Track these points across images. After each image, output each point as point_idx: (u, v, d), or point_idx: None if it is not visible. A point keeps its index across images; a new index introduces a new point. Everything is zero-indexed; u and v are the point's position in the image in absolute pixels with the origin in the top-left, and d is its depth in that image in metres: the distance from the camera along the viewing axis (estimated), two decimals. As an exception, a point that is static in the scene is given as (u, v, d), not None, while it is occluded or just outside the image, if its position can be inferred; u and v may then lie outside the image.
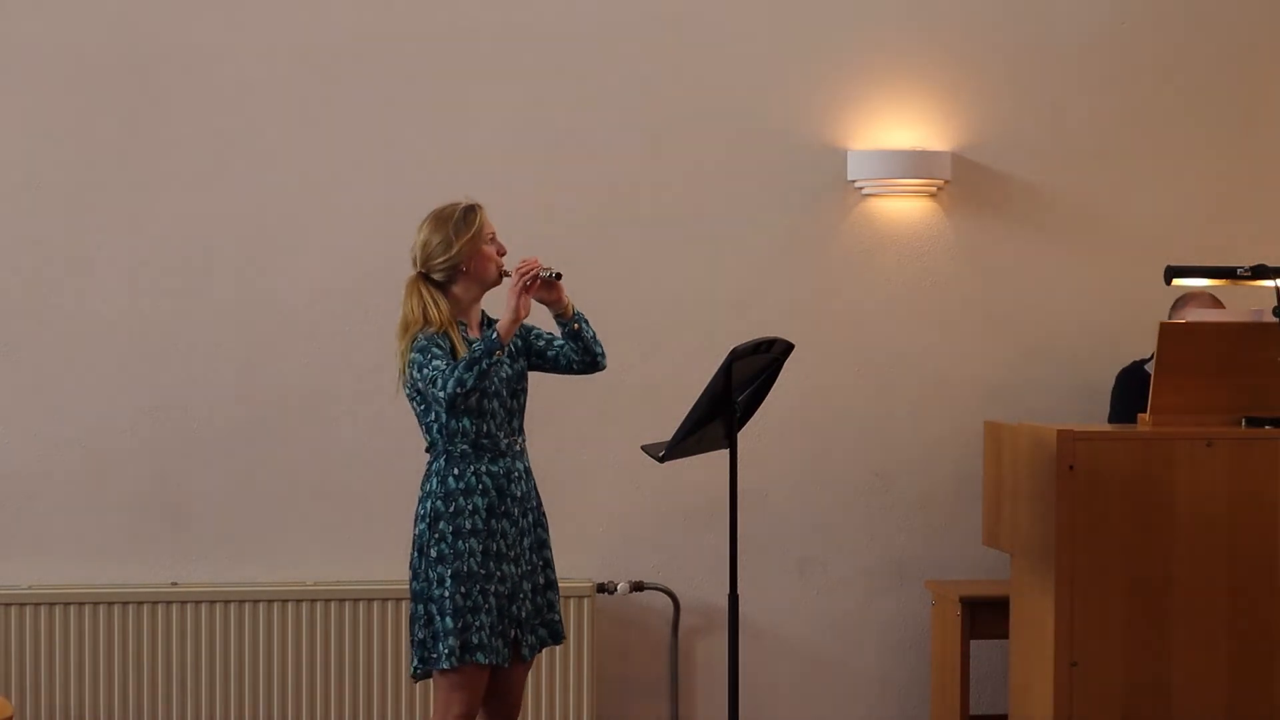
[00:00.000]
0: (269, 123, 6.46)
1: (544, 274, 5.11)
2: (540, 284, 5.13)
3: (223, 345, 6.45)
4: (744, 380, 5.23)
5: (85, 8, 6.38)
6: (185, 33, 6.42)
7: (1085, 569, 5.47)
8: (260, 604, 6.32)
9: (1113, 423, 6.34)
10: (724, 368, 5.11)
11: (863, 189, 6.66)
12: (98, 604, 6.27)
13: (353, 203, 6.49)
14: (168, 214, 6.42)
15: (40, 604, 6.25)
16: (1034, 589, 5.65)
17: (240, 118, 6.45)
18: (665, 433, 5.29)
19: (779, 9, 6.64)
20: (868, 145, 6.64)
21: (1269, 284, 5.55)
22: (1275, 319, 5.47)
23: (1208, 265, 5.93)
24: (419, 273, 5.17)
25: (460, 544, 5.07)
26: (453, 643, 5.02)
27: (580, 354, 5.25)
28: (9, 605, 6.23)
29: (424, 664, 5.09)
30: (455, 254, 5.11)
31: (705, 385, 5.15)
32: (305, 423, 6.46)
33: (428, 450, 5.18)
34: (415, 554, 5.14)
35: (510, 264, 5.16)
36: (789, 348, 5.31)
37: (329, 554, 6.48)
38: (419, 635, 5.09)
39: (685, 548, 6.63)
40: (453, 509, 5.10)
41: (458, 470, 5.12)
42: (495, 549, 5.09)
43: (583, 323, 5.25)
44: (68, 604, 6.26)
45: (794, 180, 6.65)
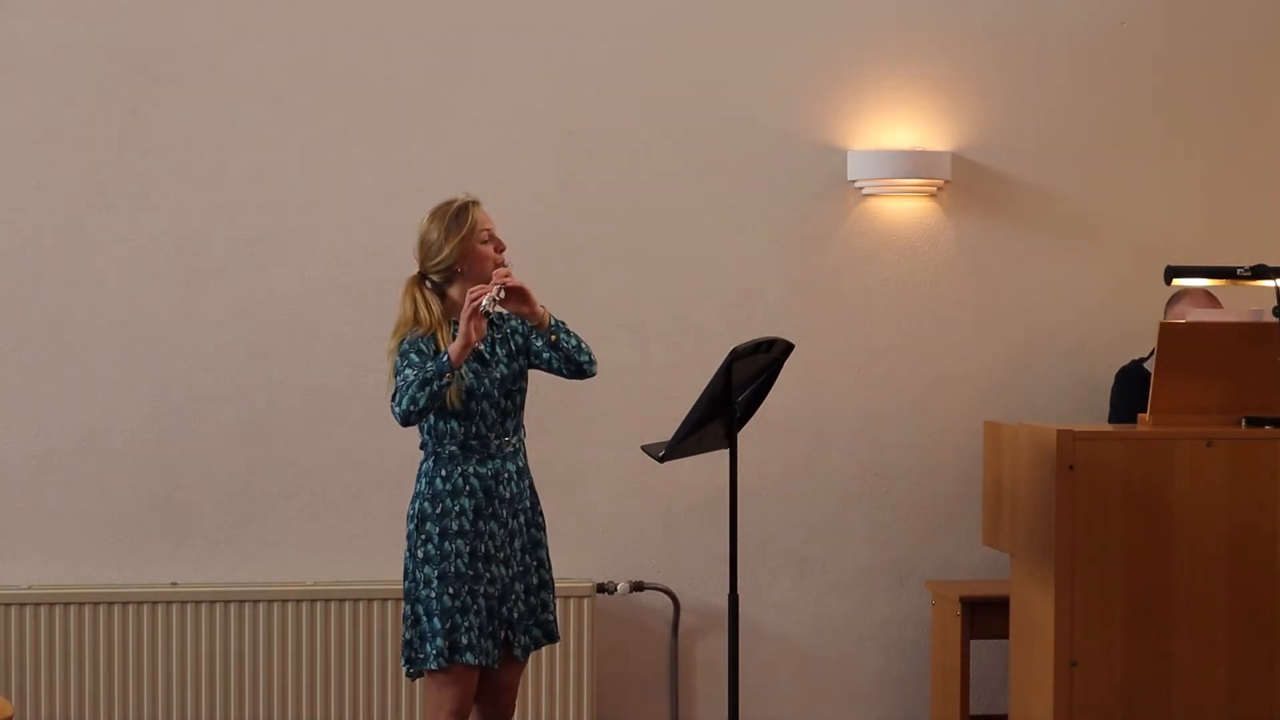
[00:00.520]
0: (270, 123, 6.46)
1: (485, 306, 4.94)
2: (508, 299, 5.00)
3: (223, 345, 6.45)
4: (744, 380, 5.23)
5: (86, 8, 6.38)
6: (186, 33, 6.42)
7: (1085, 569, 5.47)
8: (260, 604, 6.32)
9: (1113, 422, 6.34)
10: (724, 368, 5.11)
11: (863, 189, 6.65)
12: (98, 604, 6.27)
13: (353, 203, 6.49)
14: (168, 214, 6.42)
15: (40, 604, 6.25)
16: (1034, 589, 5.65)
17: (241, 118, 6.45)
18: (665, 433, 5.29)
19: (779, 9, 6.64)
20: (868, 145, 6.64)
21: (1269, 284, 5.55)
22: (1275, 319, 5.47)
23: (1208, 265, 5.93)
24: (418, 273, 5.17)
25: (447, 545, 5.07)
26: (440, 643, 5.02)
27: (563, 362, 5.18)
28: (9, 605, 6.23)
29: (412, 664, 5.10)
30: (448, 255, 5.09)
31: (705, 385, 5.15)
32: (305, 423, 6.46)
33: (421, 449, 5.19)
34: (406, 554, 5.15)
35: (512, 262, 5.16)
36: (789, 348, 5.31)
37: (329, 554, 6.48)
38: (407, 635, 5.10)
39: (685, 548, 6.63)
40: (439, 510, 5.10)
41: (445, 471, 5.11)
42: (483, 550, 5.09)
43: (560, 333, 5.15)
44: (68, 604, 6.26)
45: (794, 180, 6.65)
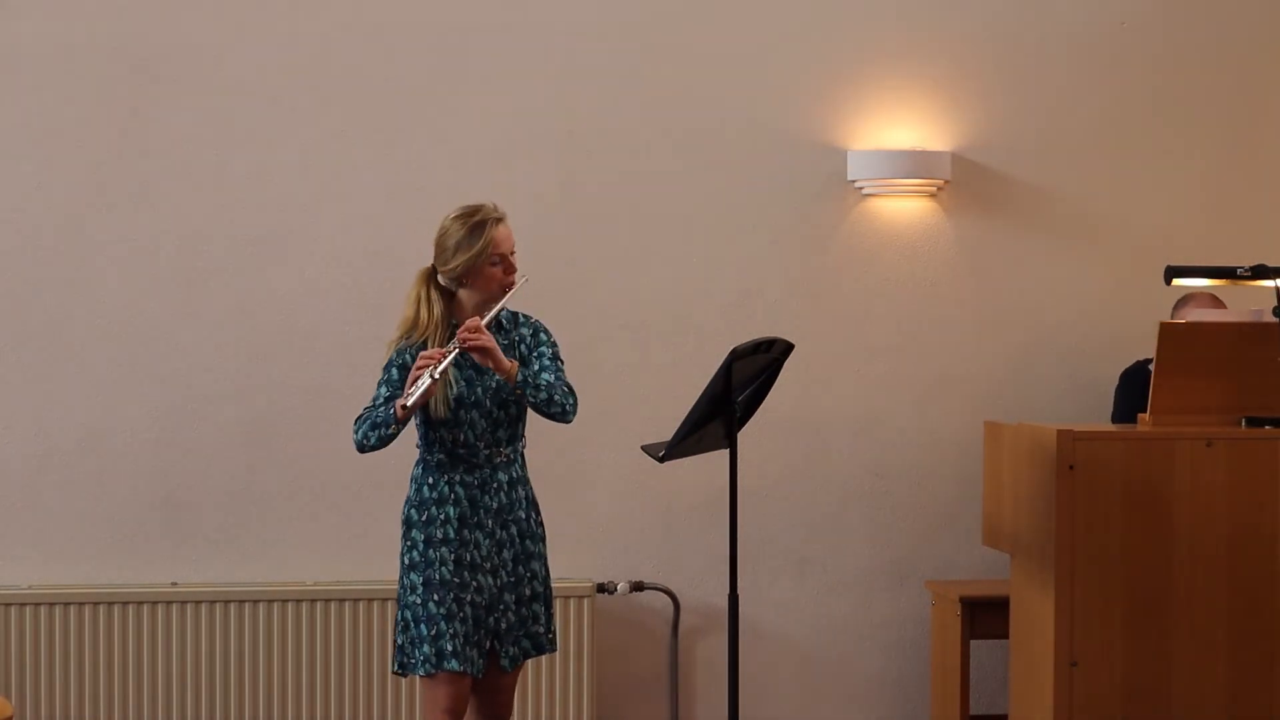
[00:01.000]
0: (270, 123, 6.45)
1: (426, 373, 4.91)
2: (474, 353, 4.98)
3: (223, 345, 6.45)
4: (744, 380, 5.23)
5: (86, 8, 6.38)
6: (186, 33, 6.42)
7: (1085, 569, 5.47)
8: (260, 604, 6.32)
9: (1116, 422, 6.34)
10: (724, 368, 5.11)
11: (863, 189, 6.65)
12: (98, 604, 6.27)
13: (353, 203, 6.49)
14: (168, 214, 6.42)
15: (40, 604, 6.24)
16: (1034, 589, 5.65)
17: (241, 118, 6.44)
18: (665, 433, 5.29)
19: (779, 9, 6.64)
20: (868, 145, 6.64)
21: (1269, 284, 5.55)
22: (1275, 319, 5.47)
23: (1208, 265, 5.93)
24: (431, 265, 5.15)
25: (431, 552, 5.07)
26: (427, 650, 5.03)
27: (536, 409, 5.12)
28: (9, 605, 6.23)
29: (402, 668, 5.12)
30: (456, 266, 5.08)
31: (705, 385, 5.15)
32: (305, 423, 6.46)
33: (417, 448, 5.20)
34: (399, 558, 5.17)
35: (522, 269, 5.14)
36: (789, 348, 5.31)
37: (329, 554, 6.48)
38: (399, 640, 5.12)
39: (685, 548, 6.63)
40: (425, 517, 5.10)
41: (432, 479, 5.12)
42: (468, 559, 5.08)
43: (528, 389, 5.05)
44: (68, 604, 6.26)
45: (794, 180, 6.65)
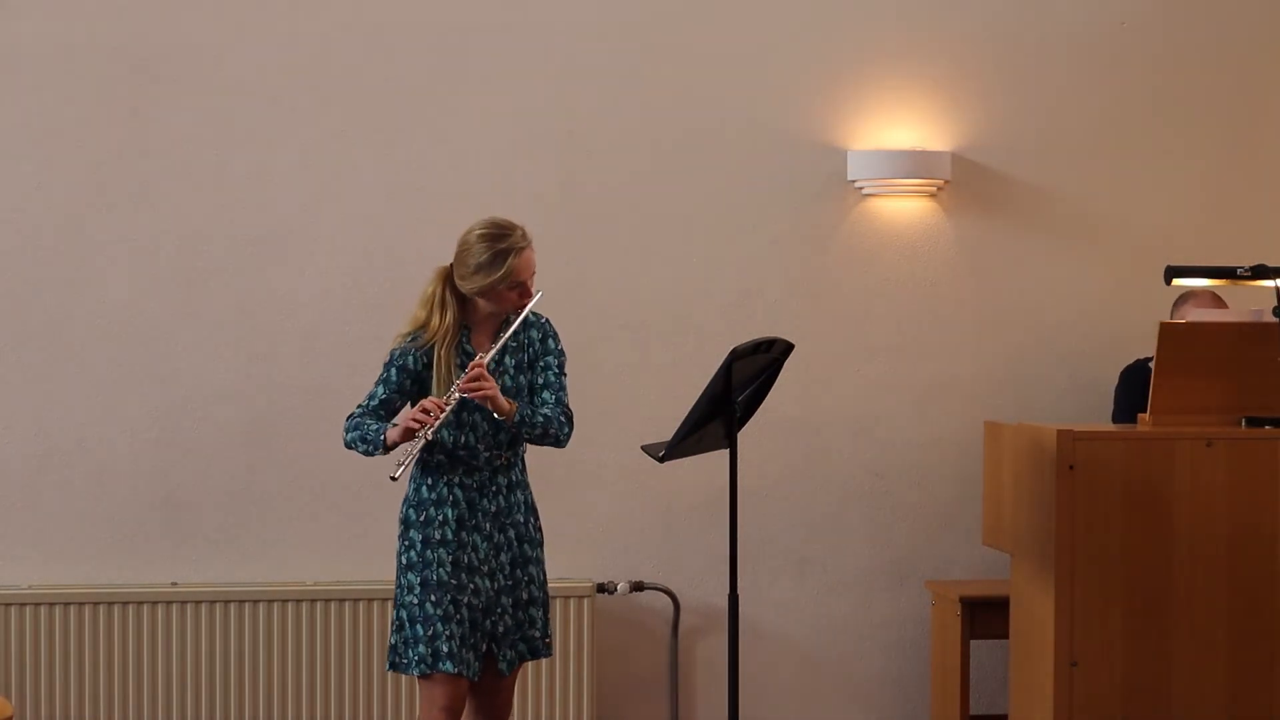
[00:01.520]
0: (270, 123, 6.45)
1: (420, 433, 4.94)
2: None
3: (223, 345, 6.45)
4: (744, 380, 5.23)
5: (86, 8, 6.38)
6: (186, 33, 6.42)
7: (1085, 569, 5.47)
8: (260, 604, 6.32)
9: (1117, 421, 6.34)
10: (724, 368, 5.11)
11: (863, 189, 6.65)
12: (98, 604, 6.26)
13: (354, 203, 6.49)
14: (168, 214, 6.42)
15: (40, 604, 6.24)
16: (1034, 589, 5.65)
17: (241, 118, 6.44)
18: (665, 433, 5.29)
19: (779, 9, 6.64)
20: (868, 145, 6.64)
21: (1269, 284, 5.55)
22: (1275, 319, 5.47)
23: (1208, 265, 5.93)
24: (450, 267, 5.12)
25: (429, 553, 5.07)
26: (423, 650, 5.03)
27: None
28: (9, 605, 6.23)
29: (395, 668, 5.12)
30: (473, 285, 5.04)
31: (705, 385, 5.15)
32: (305, 423, 6.45)
33: None
34: (396, 557, 5.17)
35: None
36: (789, 348, 5.31)
37: (329, 554, 6.48)
38: (393, 640, 5.12)
39: (685, 548, 6.63)
40: (423, 518, 5.10)
41: (431, 480, 5.11)
42: (466, 561, 5.08)
43: (523, 427, 5.07)
44: (68, 604, 6.25)
45: (794, 180, 6.65)
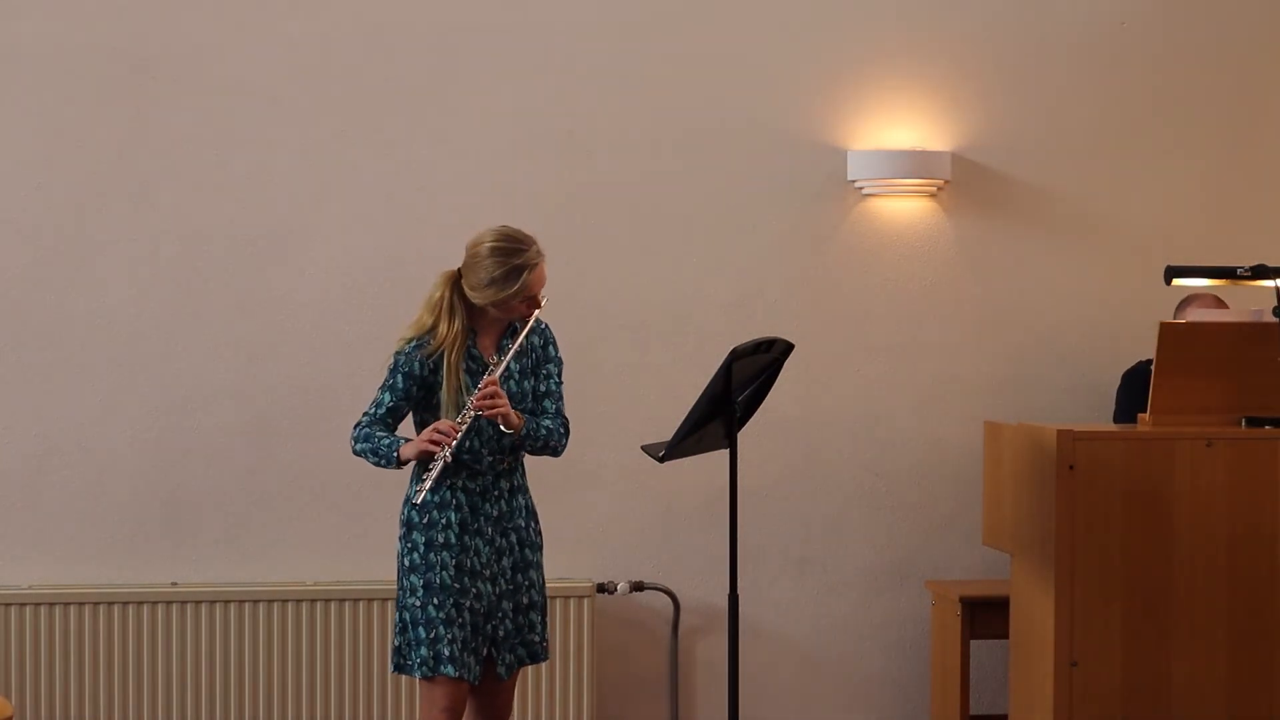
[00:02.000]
0: (270, 123, 6.45)
1: (440, 455, 4.98)
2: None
3: (223, 345, 6.45)
4: (744, 380, 5.23)
5: (86, 8, 6.38)
6: (186, 33, 6.42)
7: (1085, 569, 5.47)
8: (260, 604, 6.32)
9: (1117, 422, 6.34)
10: (724, 368, 5.11)
11: (863, 189, 6.65)
12: (98, 604, 6.26)
13: (354, 203, 6.49)
14: (168, 214, 6.42)
15: (40, 604, 6.24)
16: (1034, 589, 5.65)
17: (241, 118, 6.44)
18: (665, 433, 5.29)
19: (779, 9, 6.64)
20: (868, 145, 6.64)
21: (1269, 284, 5.55)
22: (1275, 319, 5.47)
23: (1208, 265, 5.93)
24: (457, 272, 5.10)
25: (432, 556, 5.06)
26: (425, 652, 5.03)
27: None
28: (9, 605, 6.23)
29: (400, 669, 5.12)
30: (483, 296, 5.03)
31: (705, 385, 5.15)
32: (305, 423, 6.45)
33: None
34: (397, 558, 5.16)
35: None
36: (789, 348, 5.31)
37: (329, 554, 6.48)
38: (396, 641, 5.11)
39: (685, 548, 6.63)
40: (426, 521, 5.09)
41: (434, 483, 5.10)
42: (469, 565, 5.08)
43: (526, 441, 5.12)
44: (68, 604, 6.25)
45: (794, 180, 6.65)
